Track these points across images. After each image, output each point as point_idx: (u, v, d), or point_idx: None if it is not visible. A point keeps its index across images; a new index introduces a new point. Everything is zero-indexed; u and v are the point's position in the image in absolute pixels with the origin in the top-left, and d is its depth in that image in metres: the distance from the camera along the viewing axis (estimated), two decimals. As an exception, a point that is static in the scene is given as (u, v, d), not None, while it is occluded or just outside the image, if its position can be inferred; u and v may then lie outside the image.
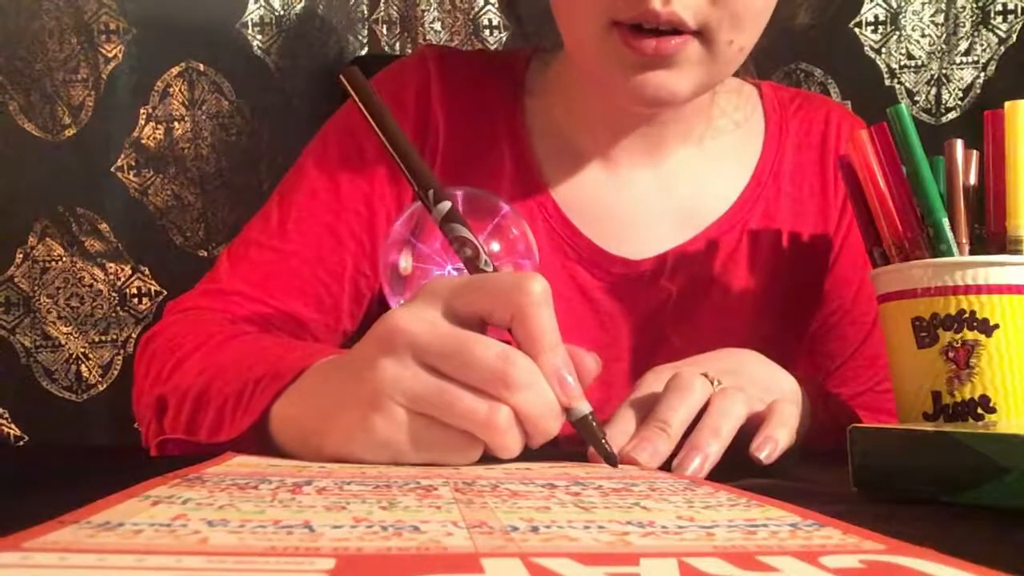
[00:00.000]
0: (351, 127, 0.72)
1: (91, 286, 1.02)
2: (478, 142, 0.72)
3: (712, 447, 0.46)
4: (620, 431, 0.48)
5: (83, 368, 1.02)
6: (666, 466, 0.46)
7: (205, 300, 0.68)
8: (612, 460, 0.44)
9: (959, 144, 0.59)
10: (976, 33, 1.05)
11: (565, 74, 0.73)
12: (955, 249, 0.56)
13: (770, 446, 0.48)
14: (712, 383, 0.50)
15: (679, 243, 0.72)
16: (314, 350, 0.52)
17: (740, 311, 0.72)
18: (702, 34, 0.60)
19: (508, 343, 0.43)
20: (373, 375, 0.42)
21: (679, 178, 0.73)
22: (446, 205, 0.47)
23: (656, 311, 0.71)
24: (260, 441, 0.49)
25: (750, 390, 0.51)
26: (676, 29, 0.59)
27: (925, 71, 1.06)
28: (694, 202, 0.73)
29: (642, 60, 0.60)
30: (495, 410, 0.41)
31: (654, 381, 0.52)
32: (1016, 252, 0.55)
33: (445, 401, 0.41)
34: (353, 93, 0.49)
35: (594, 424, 0.44)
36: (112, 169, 1.02)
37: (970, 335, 0.54)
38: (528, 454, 0.44)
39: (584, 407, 0.44)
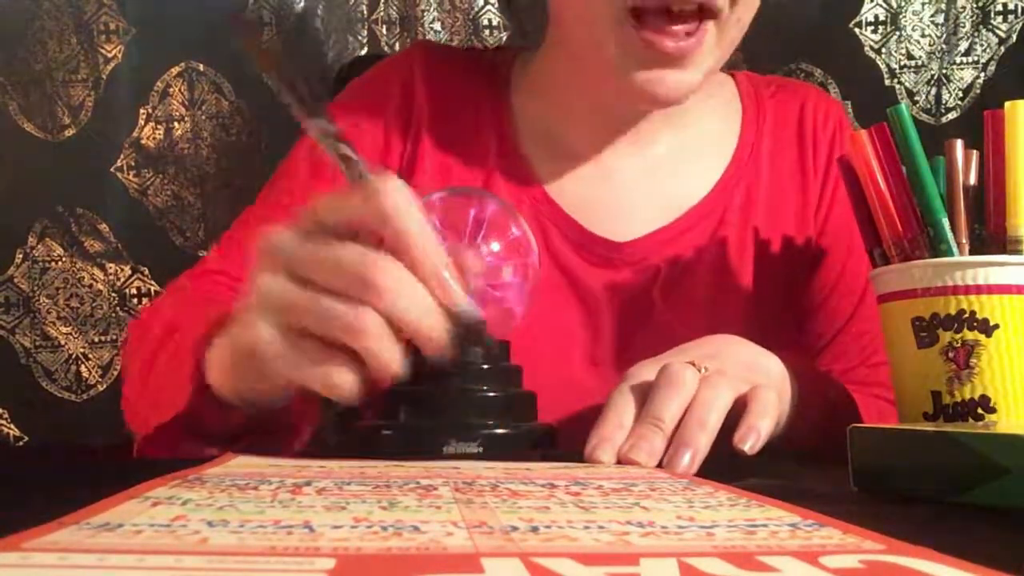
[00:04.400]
0: (345, 110, 0.73)
1: (91, 286, 1.02)
2: (463, 131, 0.73)
3: (701, 440, 0.46)
4: (615, 424, 0.48)
5: (83, 368, 1.02)
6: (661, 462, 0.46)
7: (191, 280, 0.70)
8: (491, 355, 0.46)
9: (959, 144, 0.58)
10: (976, 33, 1.05)
11: (548, 70, 0.74)
12: (955, 249, 0.56)
13: (753, 436, 0.47)
14: (700, 370, 0.50)
15: (663, 225, 0.73)
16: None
17: (728, 292, 0.73)
18: (716, 14, 0.61)
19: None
20: (249, 292, 0.44)
21: (662, 164, 0.74)
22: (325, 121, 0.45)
23: (642, 292, 0.72)
24: (213, 401, 0.49)
25: (733, 371, 0.50)
26: (704, 9, 0.59)
27: (925, 71, 1.06)
28: (677, 187, 0.74)
29: (657, 57, 0.60)
30: (361, 313, 0.41)
31: (640, 374, 0.51)
32: (1016, 252, 0.55)
33: (311, 307, 0.42)
34: (245, 41, 0.48)
35: (481, 329, 0.44)
36: (112, 169, 1.02)
37: (970, 335, 0.54)
38: (528, 455, 0.44)
39: (473, 311, 0.43)
